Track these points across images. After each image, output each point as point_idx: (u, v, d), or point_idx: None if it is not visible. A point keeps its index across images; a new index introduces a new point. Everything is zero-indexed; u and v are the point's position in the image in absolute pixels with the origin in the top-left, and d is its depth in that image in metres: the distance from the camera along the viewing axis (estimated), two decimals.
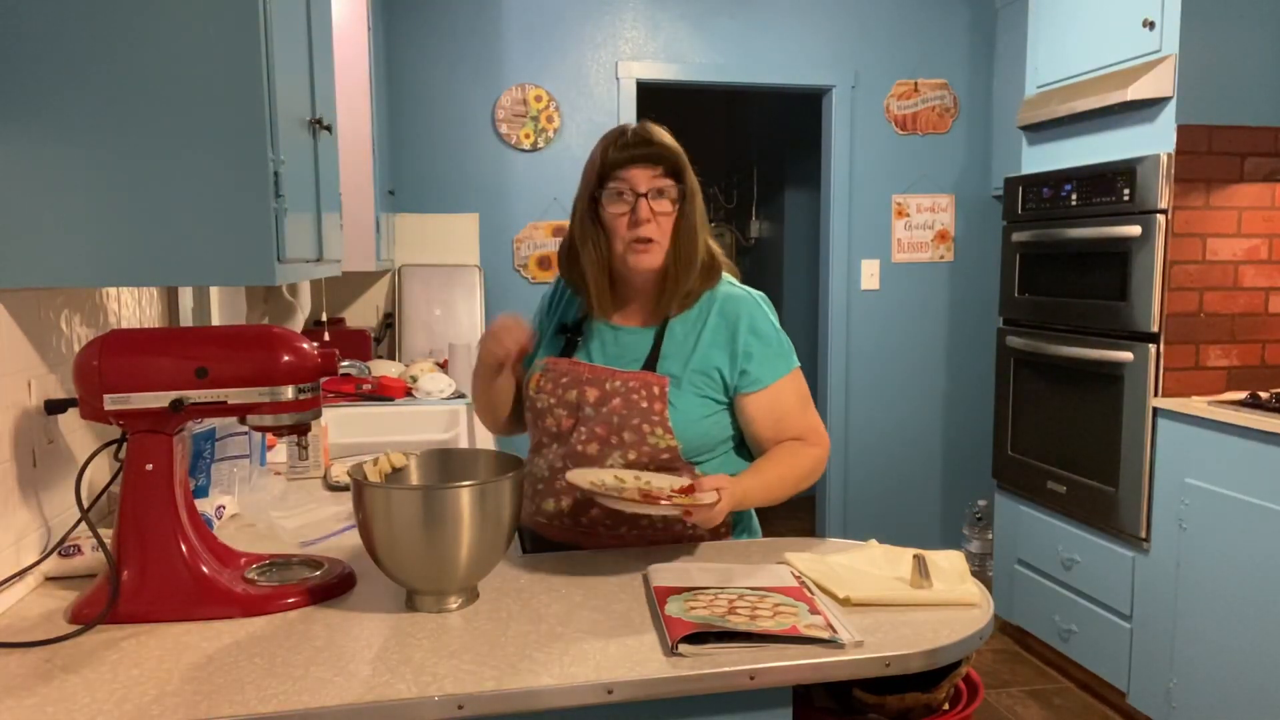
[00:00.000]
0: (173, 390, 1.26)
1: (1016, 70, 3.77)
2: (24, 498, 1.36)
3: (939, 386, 4.35)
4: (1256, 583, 2.44)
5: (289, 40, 1.44)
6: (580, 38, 3.95)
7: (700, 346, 1.55)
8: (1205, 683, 2.63)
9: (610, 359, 1.58)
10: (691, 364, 1.54)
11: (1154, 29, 2.77)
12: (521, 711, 1.06)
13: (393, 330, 3.80)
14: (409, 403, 2.92)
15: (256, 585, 1.31)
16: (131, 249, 1.26)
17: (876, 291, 4.24)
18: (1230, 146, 2.74)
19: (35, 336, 1.42)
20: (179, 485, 1.30)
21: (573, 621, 1.23)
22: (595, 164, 1.54)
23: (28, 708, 1.01)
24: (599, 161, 1.53)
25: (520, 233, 3.96)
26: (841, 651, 1.14)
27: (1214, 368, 2.80)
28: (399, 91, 3.81)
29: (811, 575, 1.36)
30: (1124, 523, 2.89)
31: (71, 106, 1.23)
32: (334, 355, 1.37)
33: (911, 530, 4.29)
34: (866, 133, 4.17)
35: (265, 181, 1.28)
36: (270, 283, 1.31)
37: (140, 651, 1.15)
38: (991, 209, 4.25)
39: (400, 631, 1.20)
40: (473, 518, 1.22)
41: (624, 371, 1.54)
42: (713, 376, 1.54)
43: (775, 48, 4.07)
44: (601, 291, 1.57)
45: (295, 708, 1.00)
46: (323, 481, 2.01)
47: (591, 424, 1.53)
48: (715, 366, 1.54)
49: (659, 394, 1.51)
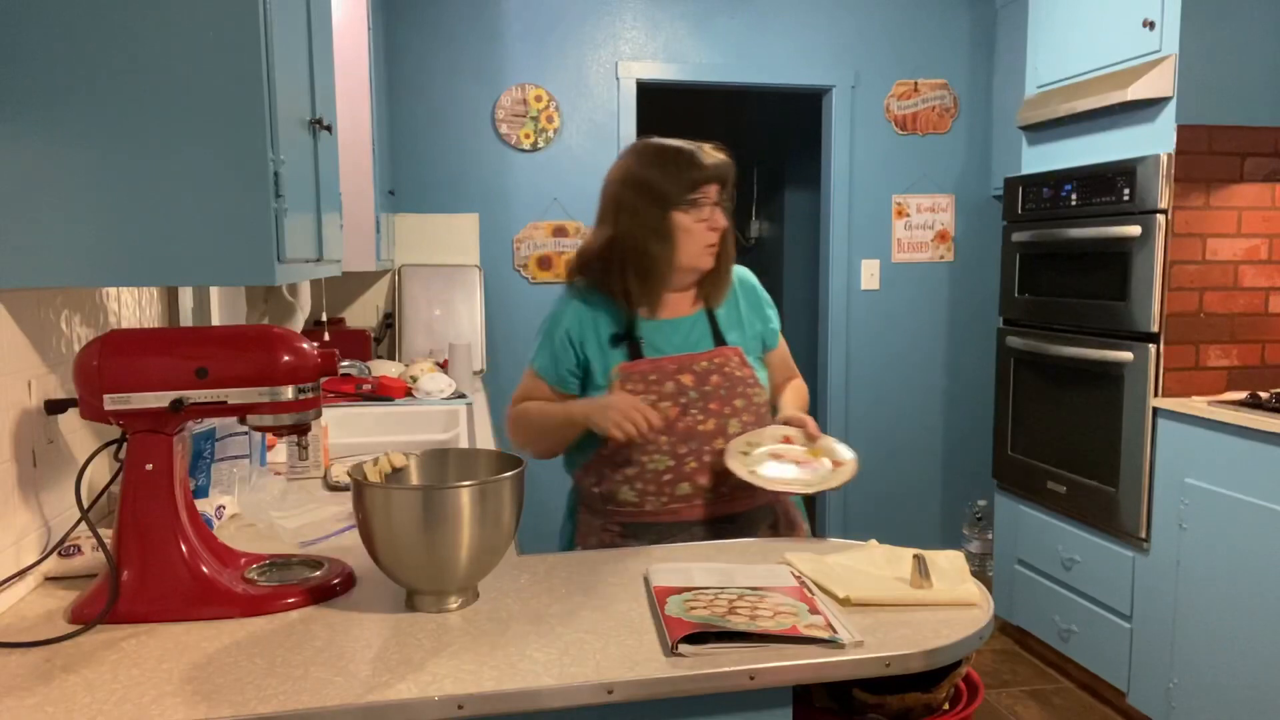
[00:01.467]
0: (173, 390, 1.26)
1: (1016, 70, 3.77)
2: (24, 498, 1.36)
3: (939, 386, 4.35)
4: (1256, 583, 2.44)
5: (289, 40, 1.44)
6: (580, 38, 3.95)
7: (743, 318, 1.83)
8: (1205, 683, 2.63)
9: (677, 347, 1.75)
10: (746, 333, 1.82)
11: (1154, 29, 2.77)
12: (521, 711, 1.06)
13: (393, 330, 3.80)
14: (409, 403, 2.92)
15: (256, 585, 1.31)
16: (131, 249, 1.26)
17: (876, 291, 4.24)
18: (1230, 146, 2.74)
19: (35, 336, 1.42)
20: (179, 485, 1.30)
21: (573, 621, 1.23)
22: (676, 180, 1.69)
23: (28, 708, 1.01)
24: (684, 178, 1.69)
25: (520, 233, 3.96)
26: (841, 651, 1.14)
27: (1214, 368, 2.80)
28: (399, 91, 3.81)
29: (811, 575, 1.36)
30: (1124, 523, 2.89)
31: (71, 106, 1.23)
32: (334, 355, 1.37)
33: (911, 530, 4.29)
34: (866, 133, 4.17)
35: (265, 181, 1.28)
36: (270, 283, 1.31)
37: (140, 651, 1.15)
38: (991, 209, 4.25)
39: (400, 631, 1.20)
40: (473, 518, 1.22)
41: (701, 352, 1.75)
42: (758, 340, 1.85)
43: (775, 48, 4.07)
44: (658, 292, 1.74)
45: (295, 708, 1.00)
46: (323, 481, 2.01)
47: (701, 403, 1.71)
48: (757, 331, 1.85)
49: (740, 361, 1.77)
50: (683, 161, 1.71)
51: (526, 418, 1.79)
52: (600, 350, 1.74)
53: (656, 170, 1.71)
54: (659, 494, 1.71)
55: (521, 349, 3.98)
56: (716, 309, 1.80)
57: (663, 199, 1.70)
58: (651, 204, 1.70)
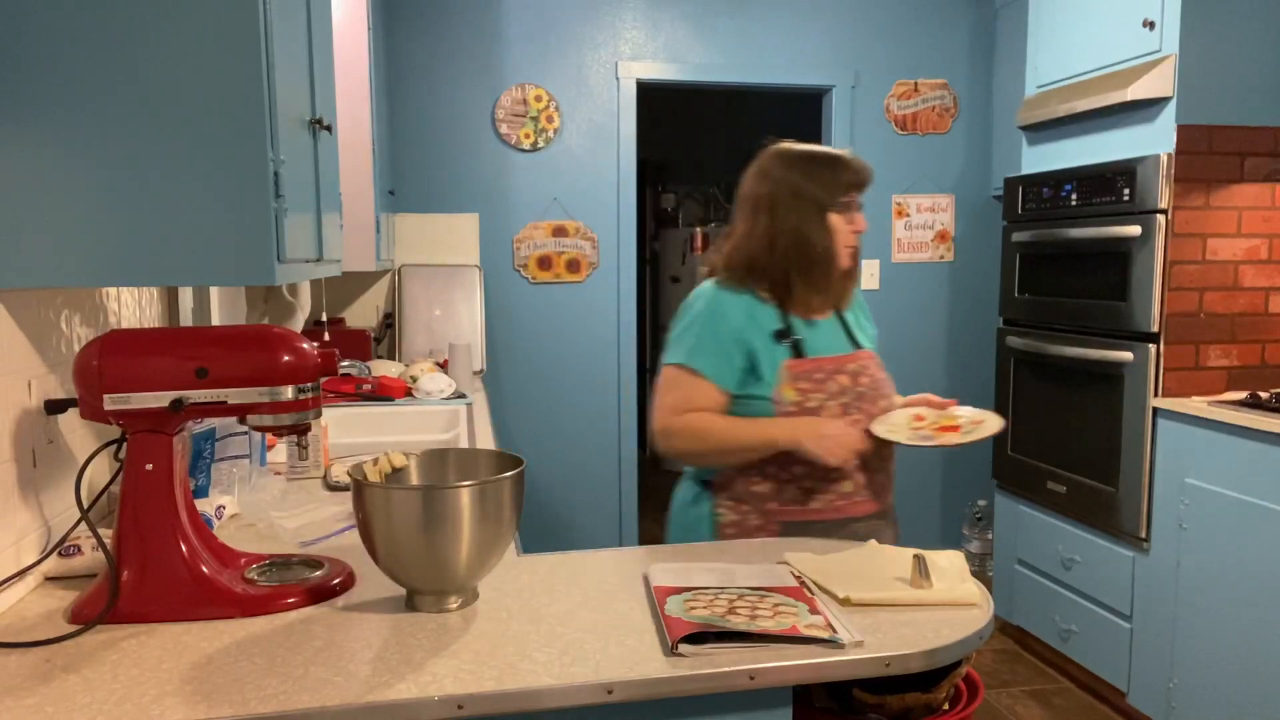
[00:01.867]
0: (173, 390, 1.26)
1: (1016, 70, 3.77)
2: (24, 498, 1.36)
3: (939, 387, 4.34)
4: (1256, 583, 2.44)
5: (289, 40, 1.44)
6: (580, 38, 3.95)
7: (863, 322, 1.92)
8: (1205, 683, 2.63)
9: (825, 349, 1.79)
10: (869, 336, 1.91)
11: (1154, 29, 2.77)
12: (521, 711, 1.06)
13: (393, 330, 3.80)
14: (409, 403, 2.92)
15: (256, 585, 1.31)
16: (131, 249, 1.26)
17: (876, 291, 4.24)
18: (1230, 146, 2.74)
19: (35, 336, 1.42)
20: (179, 485, 1.30)
21: (573, 621, 1.23)
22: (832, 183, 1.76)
23: (28, 708, 1.01)
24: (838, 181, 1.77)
25: (520, 233, 3.96)
26: (841, 651, 1.14)
27: (1214, 368, 2.80)
28: (399, 91, 3.81)
29: (811, 575, 1.36)
30: (1124, 523, 2.89)
31: (71, 106, 1.23)
32: (334, 355, 1.37)
33: (911, 530, 4.27)
34: (866, 133, 4.17)
35: (265, 181, 1.28)
36: (270, 283, 1.30)
37: (140, 651, 1.15)
38: (991, 209, 4.25)
39: (400, 631, 1.20)
40: (473, 518, 1.22)
41: (848, 354, 1.81)
42: (875, 345, 1.92)
43: (775, 48, 4.07)
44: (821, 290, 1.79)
45: (295, 708, 1.00)
46: (323, 481, 2.01)
47: (861, 403, 1.77)
48: (871, 336, 1.93)
49: (877, 363, 1.86)
50: (836, 165, 1.78)
51: (707, 432, 1.73)
52: (767, 347, 1.74)
53: (812, 173, 1.77)
54: (825, 492, 1.74)
55: (521, 349, 3.98)
56: (845, 312, 1.86)
57: (820, 200, 1.76)
58: (811, 205, 1.75)
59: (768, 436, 1.71)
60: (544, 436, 4.05)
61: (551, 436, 4.06)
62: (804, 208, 1.76)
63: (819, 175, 1.77)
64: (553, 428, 4.07)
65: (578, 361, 4.06)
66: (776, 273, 1.76)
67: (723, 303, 1.76)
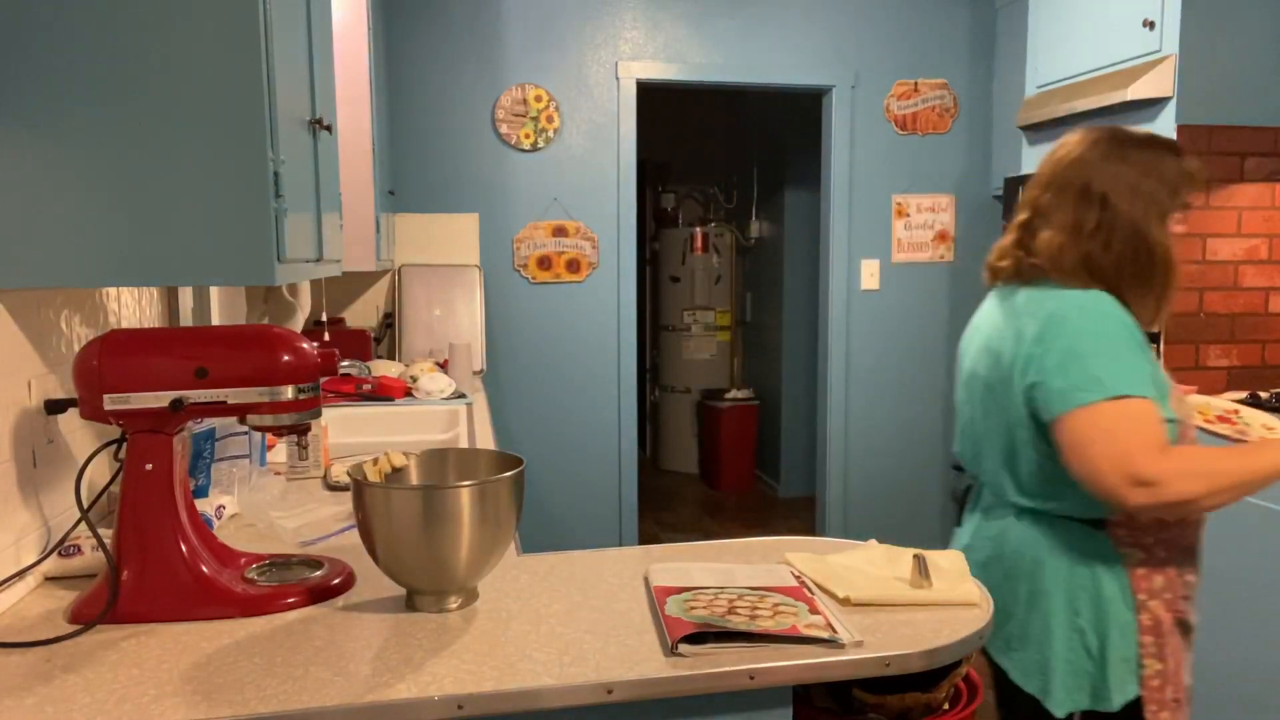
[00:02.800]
0: (173, 390, 1.26)
1: (1016, 70, 3.76)
2: (24, 498, 1.36)
3: (939, 386, 4.34)
4: (1258, 584, 2.44)
5: (289, 40, 1.44)
6: (580, 38, 3.95)
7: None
8: (1206, 683, 2.62)
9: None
10: None
11: (1154, 29, 2.77)
12: (521, 711, 1.06)
13: (393, 330, 3.80)
14: (409, 403, 2.92)
15: (256, 585, 1.31)
16: (131, 249, 1.26)
17: (876, 292, 4.24)
18: (1230, 146, 2.74)
19: (35, 336, 1.42)
20: (179, 485, 1.30)
21: (573, 621, 1.23)
22: (1175, 181, 1.56)
23: (28, 708, 1.01)
24: (1183, 179, 1.56)
25: (520, 233, 3.96)
26: (841, 651, 1.14)
27: (1214, 368, 2.80)
28: (399, 91, 3.81)
29: (811, 575, 1.36)
30: None
31: (71, 106, 1.23)
32: (334, 355, 1.37)
33: (911, 530, 4.28)
34: (866, 133, 4.17)
35: (265, 181, 1.28)
36: (270, 283, 1.31)
37: (140, 651, 1.15)
38: (991, 209, 4.25)
39: (400, 631, 1.20)
40: (473, 518, 1.22)
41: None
42: None
43: (775, 48, 4.07)
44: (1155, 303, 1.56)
45: (295, 708, 1.01)
46: (323, 481, 2.01)
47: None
48: None
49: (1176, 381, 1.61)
50: (1180, 161, 1.57)
51: (1212, 471, 1.39)
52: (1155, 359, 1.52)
53: (1150, 167, 1.55)
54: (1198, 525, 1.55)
55: (522, 349, 3.98)
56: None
57: (1160, 199, 1.54)
58: (1151, 203, 1.53)
59: (1273, 466, 1.42)
60: (544, 436, 4.05)
61: (551, 436, 4.07)
62: (1144, 204, 1.52)
63: (1160, 169, 1.55)
64: (553, 428, 4.07)
65: (578, 362, 4.06)
66: (1111, 276, 1.50)
67: (1116, 315, 1.47)
